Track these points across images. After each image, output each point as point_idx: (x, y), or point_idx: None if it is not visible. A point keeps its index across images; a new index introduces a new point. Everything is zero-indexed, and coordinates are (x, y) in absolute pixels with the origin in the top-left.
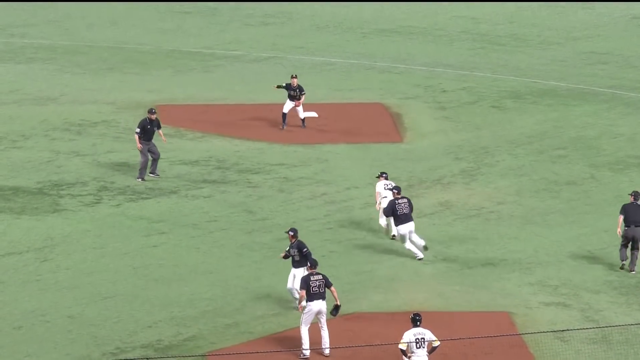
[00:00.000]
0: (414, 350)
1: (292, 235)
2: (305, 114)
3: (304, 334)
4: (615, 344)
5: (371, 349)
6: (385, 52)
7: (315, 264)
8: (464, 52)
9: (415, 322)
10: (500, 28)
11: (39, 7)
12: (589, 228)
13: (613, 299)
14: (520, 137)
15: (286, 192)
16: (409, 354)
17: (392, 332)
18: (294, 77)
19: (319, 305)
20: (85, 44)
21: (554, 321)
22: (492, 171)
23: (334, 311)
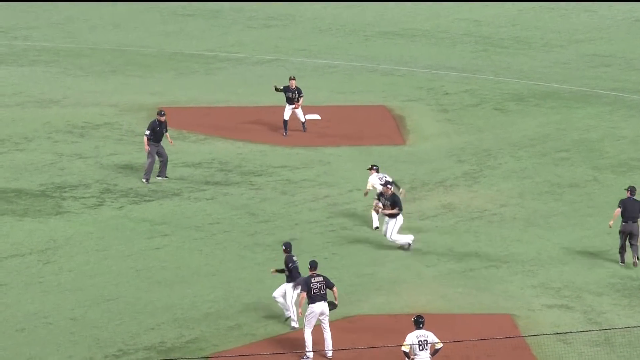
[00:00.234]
0: (417, 353)
1: (284, 249)
2: (308, 117)
3: (308, 336)
4: (618, 346)
5: (374, 351)
6: (388, 55)
7: (315, 266)
8: (466, 54)
9: (418, 324)
10: (502, 31)
11: (42, 9)
12: (591, 230)
13: (616, 301)
14: (522, 139)
15: (289, 195)
16: (411, 356)
17: (395, 335)
18: (293, 79)
19: (320, 307)
20: (87, 46)
21: (556, 323)
22: (494, 173)
23: (329, 307)
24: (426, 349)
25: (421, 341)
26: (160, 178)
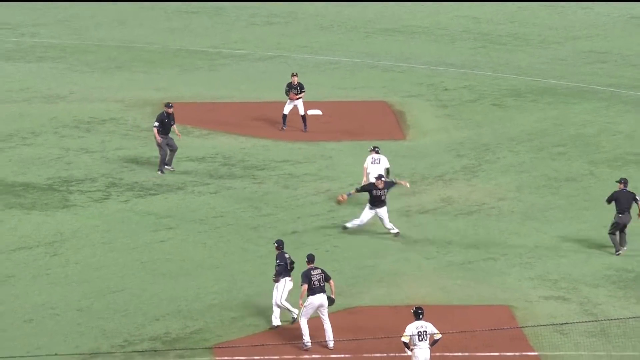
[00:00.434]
0: (416, 343)
1: (276, 246)
2: (310, 112)
3: (304, 325)
4: (614, 336)
5: (374, 341)
6: (388, 51)
7: (312, 259)
8: (465, 51)
9: (417, 315)
10: (501, 27)
11: (49, 7)
12: (588, 224)
13: (611, 293)
14: (520, 134)
15: (291, 189)
16: (411, 346)
17: (395, 325)
18: (295, 75)
19: (320, 299)
20: (93, 43)
21: (553, 314)
22: (493, 168)
23: (328, 302)
24: (425, 340)
25: (421, 332)
26: (167, 167)
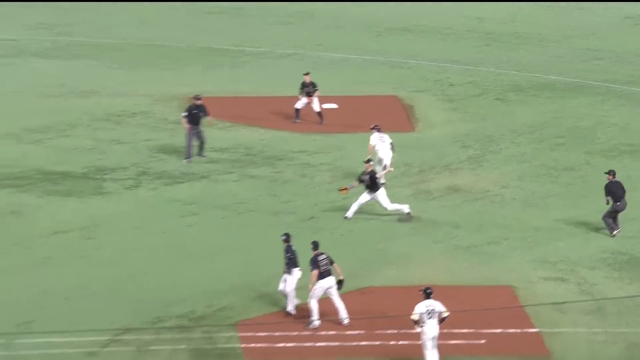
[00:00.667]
0: (425, 321)
1: (284, 239)
2: (325, 106)
3: (314, 305)
4: (609, 315)
5: (386, 319)
6: (398, 49)
7: (318, 245)
8: (470, 49)
9: (426, 295)
10: (503, 27)
11: (83, 8)
12: (585, 210)
13: (607, 274)
14: (522, 127)
15: (308, 177)
16: (420, 324)
17: (405, 304)
18: (307, 74)
19: (329, 282)
20: (124, 41)
21: (553, 294)
22: (496, 158)
23: (339, 285)
24: (434, 318)
25: (429, 310)
26: (199, 157)
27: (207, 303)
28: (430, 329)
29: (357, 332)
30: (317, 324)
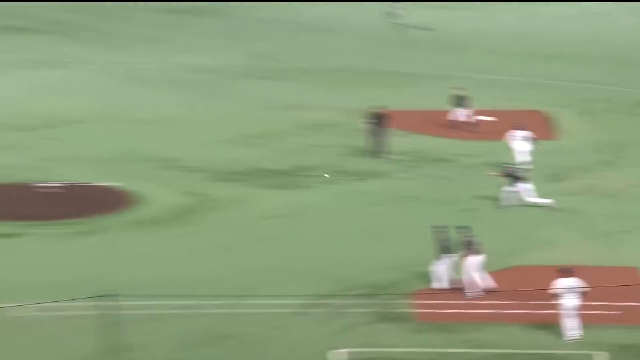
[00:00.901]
0: (565, 295)
1: (438, 230)
2: (483, 118)
3: (475, 278)
4: None
5: (532, 293)
6: (541, 72)
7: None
8: (603, 72)
9: (567, 273)
10: (629, 52)
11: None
12: None
13: None
14: None
15: (469, 176)
16: (560, 297)
17: (548, 281)
18: (457, 89)
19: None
20: (320, 65)
21: None
22: (626, 162)
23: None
24: (575, 293)
25: (570, 286)
26: (381, 158)
27: (388, 276)
28: (569, 301)
29: (509, 302)
30: (476, 294)
